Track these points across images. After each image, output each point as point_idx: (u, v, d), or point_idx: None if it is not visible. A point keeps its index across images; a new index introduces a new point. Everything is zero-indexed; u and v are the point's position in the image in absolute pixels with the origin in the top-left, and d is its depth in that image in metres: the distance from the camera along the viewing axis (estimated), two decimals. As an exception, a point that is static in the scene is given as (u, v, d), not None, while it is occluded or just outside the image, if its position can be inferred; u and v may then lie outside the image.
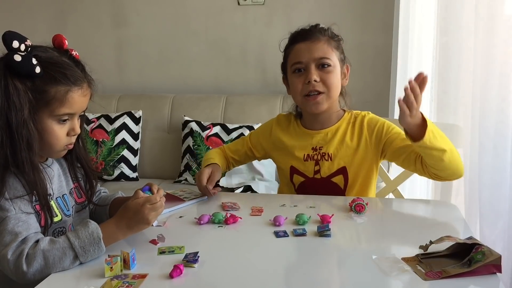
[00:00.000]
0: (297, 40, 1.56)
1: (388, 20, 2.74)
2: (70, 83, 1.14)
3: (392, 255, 1.08)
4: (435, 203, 1.47)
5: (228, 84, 3.16)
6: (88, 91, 1.20)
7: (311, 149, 1.60)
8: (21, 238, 1.06)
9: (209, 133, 2.79)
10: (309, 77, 1.52)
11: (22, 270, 1.03)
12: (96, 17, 3.26)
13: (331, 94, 1.54)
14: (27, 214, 1.11)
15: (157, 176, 2.96)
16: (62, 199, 1.27)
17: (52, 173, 1.25)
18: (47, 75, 1.12)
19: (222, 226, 1.29)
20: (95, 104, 1.29)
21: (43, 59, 1.13)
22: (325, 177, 1.59)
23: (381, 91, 2.81)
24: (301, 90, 1.55)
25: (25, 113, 1.10)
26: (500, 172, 1.94)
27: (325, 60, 1.53)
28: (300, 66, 1.55)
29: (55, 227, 1.22)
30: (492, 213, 1.97)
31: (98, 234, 1.09)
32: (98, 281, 0.99)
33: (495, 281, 0.96)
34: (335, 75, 1.54)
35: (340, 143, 1.58)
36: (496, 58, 1.87)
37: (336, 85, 1.55)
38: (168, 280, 1.00)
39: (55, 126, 1.16)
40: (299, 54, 1.55)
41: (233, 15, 3.09)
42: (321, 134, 1.61)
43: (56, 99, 1.13)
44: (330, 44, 1.55)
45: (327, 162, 1.58)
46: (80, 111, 1.20)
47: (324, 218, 1.28)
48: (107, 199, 1.43)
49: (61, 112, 1.15)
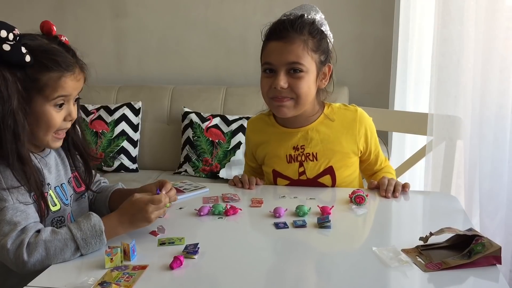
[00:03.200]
0: (271, 37, 1.46)
1: (388, 11, 2.73)
2: (62, 69, 1.14)
3: (392, 246, 1.08)
4: (435, 195, 1.47)
5: (228, 75, 3.15)
6: (81, 75, 1.19)
7: (292, 149, 1.53)
8: (20, 227, 1.06)
9: (209, 125, 2.79)
10: (276, 82, 1.42)
11: (23, 259, 1.03)
12: (96, 8, 3.23)
13: (299, 101, 1.44)
14: (25, 204, 1.11)
15: (157, 168, 2.96)
16: (60, 188, 1.27)
17: (49, 163, 1.25)
18: (38, 63, 1.11)
19: (222, 218, 1.29)
20: (93, 94, 1.29)
21: (33, 47, 1.12)
22: (311, 178, 1.53)
23: (381, 82, 2.80)
24: (267, 92, 1.47)
25: (13, 103, 1.08)
26: (500, 163, 1.94)
27: (297, 65, 1.41)
28: (269, 67, 1.45)
29: (53, 217, 1.22)
30: (492, 204, 1.97)
31: (100, 227, 1.09)
32: (98, 272, 0.99)
33: (495, 273, 0.96)
34: (306, 81, 1.42)
35: (324, 141, 1.51)
36: (497, 49, 1.86)
37: (306, 91, 1.44)
38: (168, 271, 1.00)
39: (53, 111, 1.15)
40: (270, 55, 1.45)
41: (233, 5, 3.07)
42: (302, 132, 1.53)
43: (48, 85, 1.13)
44: (307, 45, 1.42)
45: (312, 162, 1.52)
46: (75, 94, 1.19)
47: (324, 210, 1.28)
48: (107, 190, 1.42)
49: (55, 95, 1.14)
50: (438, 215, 1.36)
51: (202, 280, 0.99)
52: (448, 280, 0.95)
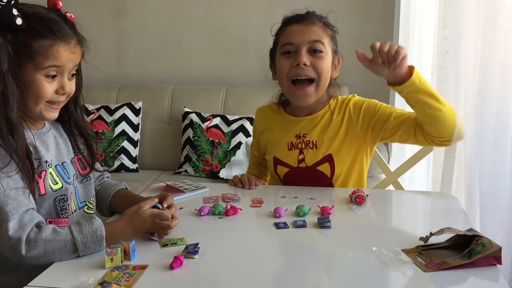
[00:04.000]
0: (291, 22, 1.50)
1: (388, 11, 2.73)
2: (56, 38, 1.12)
3: (392, 246, 1.08)
4: (435, 195, 1.47)
5: (228, 75, 3.15)
6: (77, 48, 1.17)
7: (294, 137, 1.56)
8: (12, 217, 1.04)
9: (209, 125, 2.79)
10: (299, 59, 1.44)
11: (20, 253, 1.03)
12: (96, 8, 3.24)
13: (320, 82, 1.47)
14: (16, 189, 1.09)
15: (157, 168, 2.96)
16: (61, 166, 1.25)
17: (47, 141, 1.23)
18: (31, 29, 1.10)
19: (223, 218, 1.29)
20: (94, 93, 1.29)
21: (28, 13, 1.11)
22: (310, 166, 1.55)
23: (381, 82, 2.77)
24: (288, 73, 1.47)
25: (2, 65, 1.07)
26: (501, 164, 1.94)
27: (319, 44, 1.46)
28: (290, 48, 1.47)
29: (56, 195, 1.21)
30: (492, 204, 1.96)
31: (101, 233, 1.09)
32: (98, 272, 0.99)
33: (495, 273, 0.96)
34: (326, 62, 1.48)
35: (324, 130, 1.53)
36: (497, 49, 1.86)
37: (327, 72, 1.48)
38: (169, 271, 1.00)
39: (43, 81, 1.13)
40: (291, 36, 1.47)
41: (234, 5, 3.07)
42: (306, 120, 1.56)
43: (39, 53, 1.11)
44: (325, 30, 1.49)
45: (312, 150, 1.54)
46: (69, 66, 1.16)
47: (325, 210, 1.29)
48: (110, 188, 1.41)
49: (46, 64, 1.12)
50: (438, 215, 1.36)
51: (202, 280, 0.99)
52: (448, 280, 0.95)
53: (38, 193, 1.17)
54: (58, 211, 1.22)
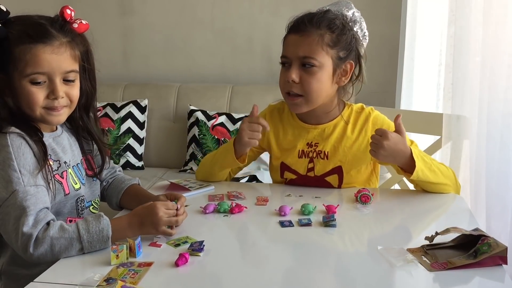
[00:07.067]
0: (289, 31, 1.46)
1: (395, 9, 2.72)
2: (32, 40, 1.10)
3: (398, 245, 1.08)
4: (441, 194, 1.47)
5: (234, 74, 3.15)
6: (64, 48, 1.14)
7: (306, 145, 1.52)
8: (30, 213, 1.06)
9: (214, 123, 2.79)
10: (288, 75, 1.41)
11: (29, 251, 1.05)
12: (102, 6, 3.24)
13: (309, 98, 1.43)
14: (36, 186, 1.10)
15: (163, 165, 2.96)
16: (77, 167, 1.28)
17: (62, 143, 1.25)
18: (11, 35, 1.10)
19: (228, 216, 1.30)
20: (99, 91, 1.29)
21: (13, 21, 1.12)
22: (318, 176, 1.52)
23: (387, 81, 2.79)
24: (283, 86, 1.46)
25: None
26: (507, 163, 1.93)
27: (308, 59, 1.40)
28: (285, 60, 1.45)
29: (77, 196, 1.24)
30: (498, 204, 1.96)
31: (107, 233, 1.09)
32: (104, 269, 1.00)
33: (501, 273, 0.96)
34: (318, 77, 1.41)
35: (338, 141, 1.50)
36: (505, 48, 1.85)
37: (317, 88, 1.42)
38: (174, 268, 1.00)
39: (31, 88, 1.12)
40: (286, 47, 1.45)
41: (240, 4, 3.07)
42: (318, 129, 1.52)
43: (20, 59, 1.10)
44: (322, 40, 1.40)
45: (323, 160, 1.51)
46: (58, 70, 1.14)
47: (330, 209, 1.28)
48: (123, 182, 1.40)
49: (28, 71, 1.11)
50: (444, 214, 1.35)
51: (207, 278, 0.99)
52: (454, 280, 0.95)
53: (64, 193, 1.19)
54: (79, 211, 1.25)
